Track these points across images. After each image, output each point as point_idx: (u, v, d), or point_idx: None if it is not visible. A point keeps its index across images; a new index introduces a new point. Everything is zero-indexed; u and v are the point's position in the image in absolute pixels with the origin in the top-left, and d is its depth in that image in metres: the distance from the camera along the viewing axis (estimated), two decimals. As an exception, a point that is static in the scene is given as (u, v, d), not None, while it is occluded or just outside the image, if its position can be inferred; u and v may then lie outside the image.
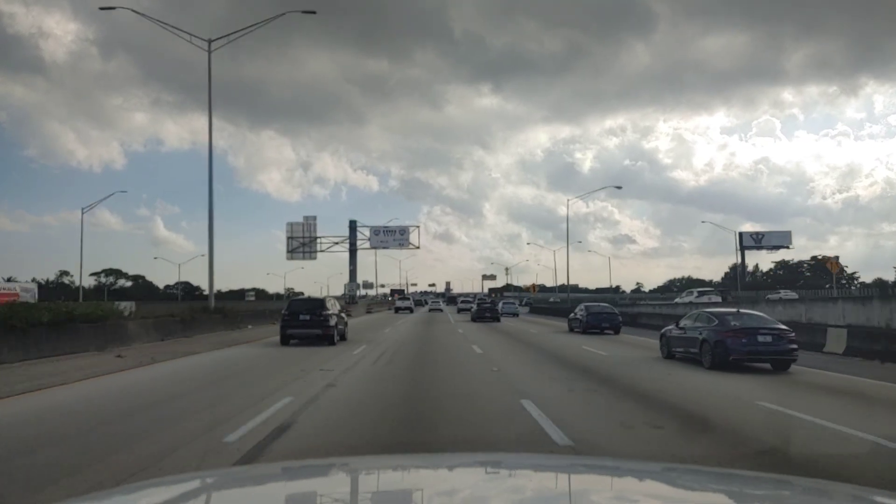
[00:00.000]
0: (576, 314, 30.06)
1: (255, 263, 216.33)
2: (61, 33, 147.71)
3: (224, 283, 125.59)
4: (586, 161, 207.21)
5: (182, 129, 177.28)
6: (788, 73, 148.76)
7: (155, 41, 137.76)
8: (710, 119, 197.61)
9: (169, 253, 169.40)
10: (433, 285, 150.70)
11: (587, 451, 6.55)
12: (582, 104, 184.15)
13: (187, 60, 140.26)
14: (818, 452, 6.82)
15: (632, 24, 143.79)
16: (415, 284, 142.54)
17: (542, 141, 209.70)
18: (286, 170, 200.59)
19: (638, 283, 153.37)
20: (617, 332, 27.58)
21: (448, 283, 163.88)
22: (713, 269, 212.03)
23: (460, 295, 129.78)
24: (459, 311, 58.88)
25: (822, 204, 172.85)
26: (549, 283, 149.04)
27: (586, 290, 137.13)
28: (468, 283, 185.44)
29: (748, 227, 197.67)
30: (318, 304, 22.05)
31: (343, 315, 23.71)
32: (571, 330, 29.61)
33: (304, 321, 20.73)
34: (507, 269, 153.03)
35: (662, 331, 17.35)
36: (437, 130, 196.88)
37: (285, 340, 20.91)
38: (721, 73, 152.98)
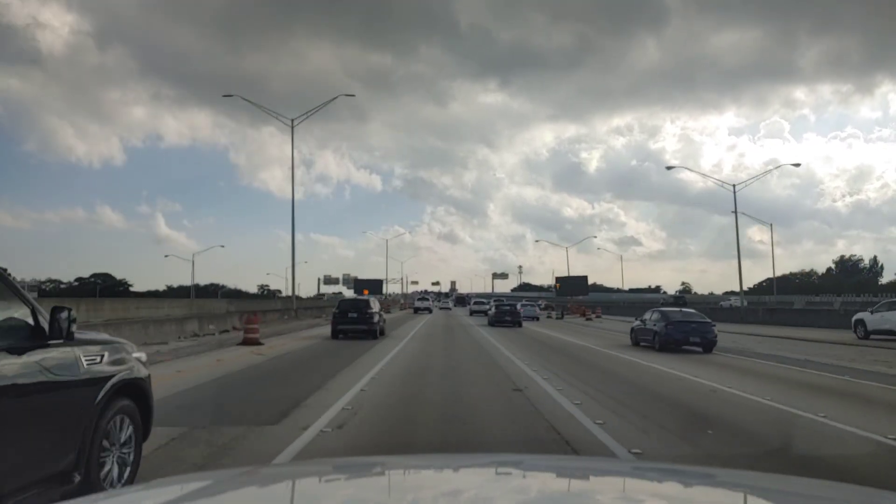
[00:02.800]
0: (644, 323, 21.53)
1: (260, 263, 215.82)
2: (58, 24, 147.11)
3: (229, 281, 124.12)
4: (592, 161, 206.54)
5: (182, 125, 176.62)
6: (802, 71, 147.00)
7: (152, 33, 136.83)
8: (720, 119, 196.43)
9: (170, 251, 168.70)
10: (437, 283, 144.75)
11: None
12: (589, 102, 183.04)
13: (187, 53, 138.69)
14: None
15: (643, 17, 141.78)
16: (415, 283, 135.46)
17: (547, 140, 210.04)
18: (288, 168, 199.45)
19: (684, 284, 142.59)
20: (708, 350, 19.33)
21: (453, 283, 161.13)
22: (719, 271, 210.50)
23: (470, 295, 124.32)
24: (472, 313, 53.78)
25: (831, 207, 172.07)
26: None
27: (618, 291, 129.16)
28: (478, 282, 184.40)
29: (755, 231, 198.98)
30: (364, 304, 24.21)
31: (382, 313, 25.57)
32: (636, 344, 21.63)
33: (352, 318, 23.11)
34: (519, 266, 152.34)
35: None
36: (441, 128, 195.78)
37: (335, 335, 22.98)
38: (732, 71, 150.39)
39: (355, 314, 23.15)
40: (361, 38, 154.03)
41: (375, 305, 24.49)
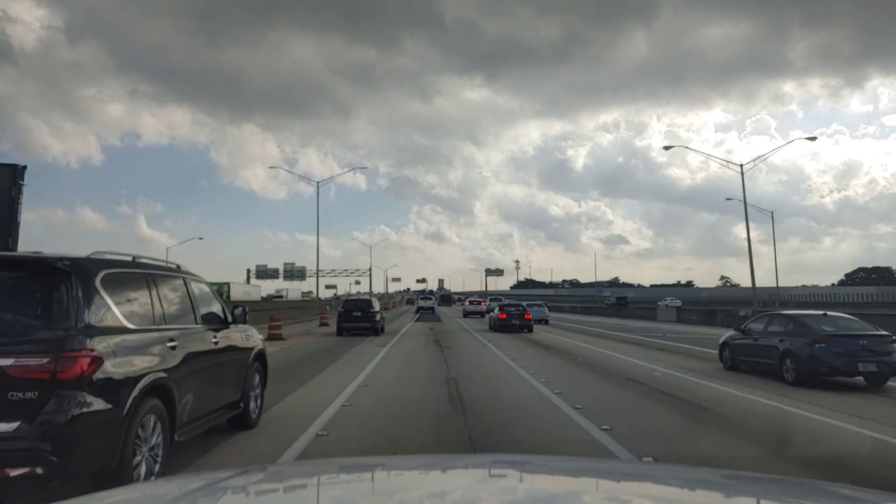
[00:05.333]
0: (752, 336, 13.88)
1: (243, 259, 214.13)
2: (29, 19, 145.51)
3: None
4: (579, 158, 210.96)
5: (159, 123, 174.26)
6: (792, 65, 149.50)
7: (128, 26, 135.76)
8: (708, 114, 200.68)
9: (153, 252, 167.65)
10: (423, 280, 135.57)
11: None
12: (576, 98, 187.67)
13: (164, 48, 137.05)
14: None
15: (633, 9, 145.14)
16: (398, 279, 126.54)
17: (533, 137, 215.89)
18: (270, 166, 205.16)
19: (724, 278, 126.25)
20: (880, 381, 12.21)
21: (441, 281, 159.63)
22: (706, 269, 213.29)
23: (450, 293, 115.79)
24: (467, 314, 49.31)
25: (819, 203, 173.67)
26: (583, 280, 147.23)
27: (628, 286, 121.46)
28: (472, 278, 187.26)
29: (741, 229, 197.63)
30: (366, 304, 26.90)
31: (382, 312, 28.25)
32: (733, 367, 14.28)
33: (356, 317, 25.48)
34: (516, 261, 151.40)
35: None
36: (426, 125, 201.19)
37: (340, 332, 25.27)
38: (721, 65, 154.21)
39: (359, 313, 25.46)
40: (344, 31, 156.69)
41: (377, 305, 27.28)
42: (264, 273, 79.28)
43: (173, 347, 5.21)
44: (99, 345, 4.23)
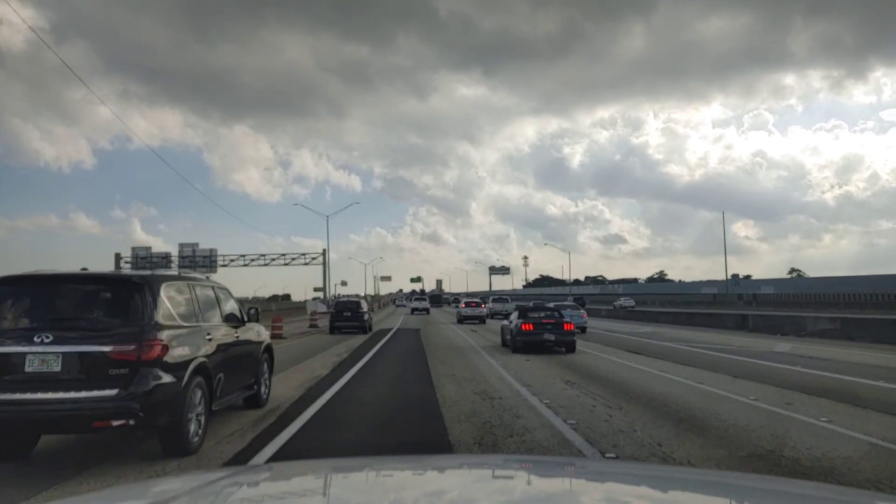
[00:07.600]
0: None
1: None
2: (16, 20, 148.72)
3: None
4: (575, 156, 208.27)
5: (151, 125, 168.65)
6: (793, 56, 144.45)
7: (116, 26, 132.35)
8: (708, 109, 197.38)
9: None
10: (418, 279, 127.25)
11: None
12: (572, 94, 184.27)
13: (155, 48, 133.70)
14: None
15: (631, 2, 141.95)
16: (388, 279, 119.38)
17: (529, 135, 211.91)
18: (264, 168, 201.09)
19: (794, 270, 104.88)
20: None
21: (440, 282, 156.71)
22: (704, 268, 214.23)
23: (459, 295, 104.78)
24: (463, 319, 39.05)
25: (819, 199, 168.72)
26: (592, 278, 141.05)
27: (669, 281, 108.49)
28: (476, 278, 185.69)
29: (741, 226, 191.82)
30: (356, 305, 30.50)
31: (370, 312, 31.72)
32: None
33: (346, 317, 28.93)
34: (525, 257, 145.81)
35: None
36: (421, 124, 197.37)
37: (333, 331, 28.17)
38: (721, 58, 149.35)
39: (349, 313, 28.84)
40: (336, 28, 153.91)
41: (365, 306, 30.65)
42: (146, 260, 52.02)
43: (209, 339, 6.99)
44: (165, 336, 6.01)
